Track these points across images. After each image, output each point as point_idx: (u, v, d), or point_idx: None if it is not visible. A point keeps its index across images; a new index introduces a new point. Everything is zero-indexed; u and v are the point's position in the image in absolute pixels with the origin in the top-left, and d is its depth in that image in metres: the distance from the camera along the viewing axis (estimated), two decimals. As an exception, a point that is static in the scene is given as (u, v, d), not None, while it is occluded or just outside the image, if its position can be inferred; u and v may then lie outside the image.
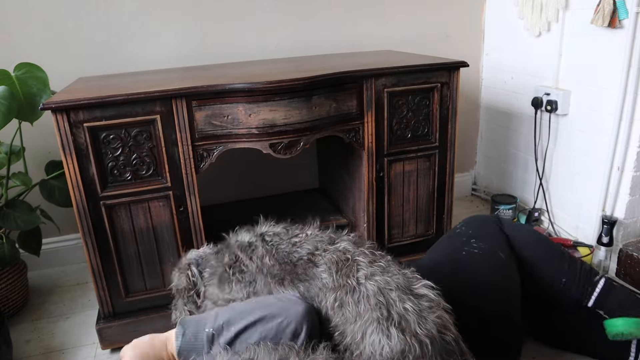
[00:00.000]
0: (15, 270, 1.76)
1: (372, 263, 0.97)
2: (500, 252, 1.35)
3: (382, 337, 0.84)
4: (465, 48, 2.41)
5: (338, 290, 0.94)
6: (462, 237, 1.40)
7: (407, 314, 0.87)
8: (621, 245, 1.82)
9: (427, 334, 0.85)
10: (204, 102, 1.43)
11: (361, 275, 0.93)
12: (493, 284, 1.29)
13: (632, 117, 1.71)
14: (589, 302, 1.37)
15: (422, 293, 0.92)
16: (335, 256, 0.99)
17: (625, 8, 1.65)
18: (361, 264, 0.96)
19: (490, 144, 2.53)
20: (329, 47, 2.18)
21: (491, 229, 1.42)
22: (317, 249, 1.03)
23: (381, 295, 0.89)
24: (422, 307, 0.89)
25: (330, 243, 1.05)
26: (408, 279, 0.95)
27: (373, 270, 0.94)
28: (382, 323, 0.86)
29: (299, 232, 1.10)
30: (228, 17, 2.03)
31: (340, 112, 1.57)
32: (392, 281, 0.91)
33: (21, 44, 1.83)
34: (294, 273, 1.00)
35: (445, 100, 1.69)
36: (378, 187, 1.71)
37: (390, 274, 0.94)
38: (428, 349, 0.83)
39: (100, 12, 1.88)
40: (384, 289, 0.90)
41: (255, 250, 1.08)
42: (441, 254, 1.41)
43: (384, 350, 0.84)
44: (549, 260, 1.39)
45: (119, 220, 1.45)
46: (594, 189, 1.89)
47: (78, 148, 1.35)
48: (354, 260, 0.97)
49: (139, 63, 1.97)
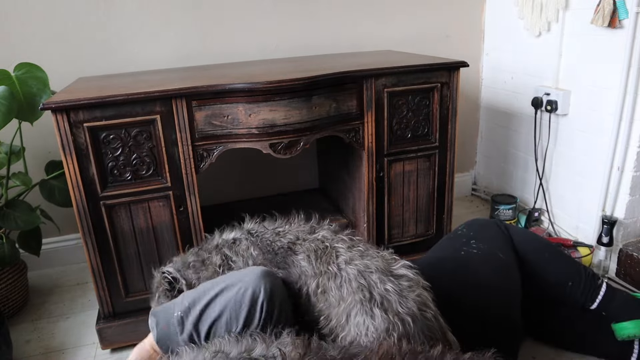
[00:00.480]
0: (15, 270, 1.76)
1: (350, 248, 0.99)
2: (500, 253, 1.35)
3: (366, 317, 0.87)
4: (465, 48, 2.41)
5: (319, 276, 0.96)
6: (462, 238, 1.41)
7: (389, 294, 0.90)
8: (621, 245, 1.82)
9: (408, 312, 0.88)
10: (204, 102, 1.43)
11: (341, 261, 0.96)
12: (491, 284, 1.29)
13: (632, 117, 1.71)
14: (592, 304, 1.38)
15: (401, 273, 0.95)
16: (313, 245, 1.02)
17: (625, 8, 1.65)
18: (340, 250, 0.99)
19: (490, 144, 2.53)
20: (329, 47, 2.18)
21: (493, 231, 1.42)
22: (298, 238, 1.06)
23: (362, 278, 0.92)
24: (402, 286, 0.92)
25: (311, 232, 1.08)
26: (387, 261, 0.98)
27: (352, 254, 0.97)
28: (365, 304, 0.88)
29: (283, 223, 1.14)
30: (228, 17, 2.03)
31: (340, 112, 1.57)
32: (371, 264, 0.94)
33: (21, 43, 1.83)
34: (274, 261, 1.03)
35: (445, 100, 1.69)
36: (378, 187, 1.71)
37: (370, 257, 0.97)
38: (410, 327, 0.86)
39: (100, 12, 1.88)
40: (364, 272, 0.93)
41: (240, 244, 1.11)
42: (440, 254, 1.42)
43: (369, 330, 0.86)
44: (555, 264, 1.39)
45: (119, 220, 1.45)
46: (594, 189, 1.89)
47: (78, 148, 1.35)
48: (332, 248, 1.00)
49: (139, 63, 1.97)
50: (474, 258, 1.33)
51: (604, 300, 1.37)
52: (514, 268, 1.36)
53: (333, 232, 1.07)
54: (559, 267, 1.39)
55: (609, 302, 1.38)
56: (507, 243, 1.39)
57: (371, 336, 0.86)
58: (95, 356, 1.56)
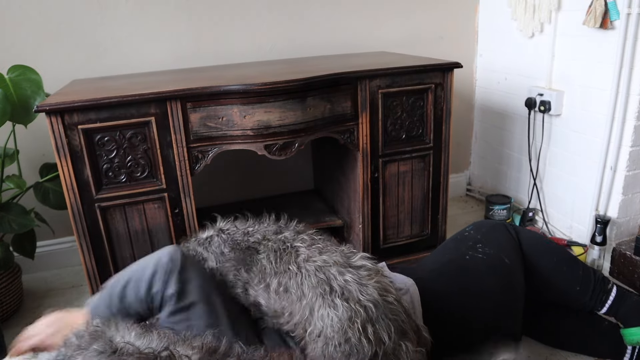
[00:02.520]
0: (10, 274, 1.75)
1: (310, 246, 1.03)
2: (506, 258, 1.32)
3: (329, 309, 0.90)
4: (459, 49, 2.42)
5: (280, 275, 0.99)
6: (468, 241, 1.37)
7: (348, 284, 0.93)
8: (614, 244, 1.83)
9: (369, 299, 0.91)
10: (198, 104, 1.43)
11: (301, 260, 0.99)
12: (494, 294, 1.27)
13: (624, 117, 1.73)
14: (602, 309, 1.36)
15: (360, 264, 0.98)
16: (275, 245, 1.05)
17: (616, 9, 1.67)
18: (300, 249, 1.02)
19: (484, 144, 2.55)
20: (324, 48, 2.19)
21: (501, 233, 1.38)
22: (264, 238, 1.10)
23: (321, 272, 0.95)
24: (361, 275, 0.95)
25: (276, 233, 1.11)
26: (345, 255, 1.01)
27: (311, 252, 1.01)
28: (327, 297, 0.92)
29: (253, 223, 1.17)
30: (222, 18, 2.03)
31: (334, 114, 1.57)
32: (329, 259, 0.98)
33: (15, 46, 1.82)
34: (242, 260, 1.07)
35: (440, 101, 1.70)
36: (373, 188, 1.72)
37: (329, 253, 1.01)
38: (373, 312, 0.89)
39: (94, 14, 1.88)
40: (323, 267, 0.96)
41: (212, 242, 1.13)
42: (445, 257, 1.39)
43: (333, 321, 0.89)
44: (563, 268, 1.37)
45: (113, 222, 1.45)
46: (588, 189, 1.91)
47: (72, 150, 1.35)
48: (292, 247, 1.03)
49: (134, 65, 1.97)
50: (478, 264, 1.30)
51: (613, 305, 1.35)
52: (519, 273, 1.33)
53: (296, 232, 1.10)
54: (567, 272, 1.36)
55: (619, 306, 1.35)
56: (515, 247, 1.36)
57: (336, 326, 0.89)
58: (91, 359, 1.55)
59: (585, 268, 1.39)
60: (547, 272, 1.36)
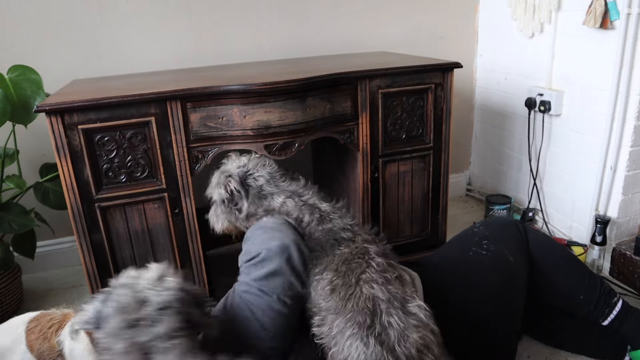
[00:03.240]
0: (10, 274, 1.75)
1: (379, 272, 0.97)
2: (510, 256, 1.31)
3: (360, 343, 0.86)
4: (459, 49, 2.42)
5: (336, 275, 0.95)
6: (475, 237, 1.36)
7: (390, 328, 0.87)
8: (614, 244, 1.84)
9: (404, 352, 0.85)
10: (198, 104, 1.43)
11: (363, 278, 0.94)
12: (493, 290, 1.27)
13: (624, 117, 1.73)
14: (604, 321, 1.34)
15: (413, 312, 0.92)
16: (356, 250, 1.01)
17: (616, 9, 1.67)
18: (370, 268, 0.97)
19: (484, 144, 2.55)
20: (324, 48, 2.19)
21: (510, 232, 1.36)
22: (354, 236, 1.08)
23: (371, 302, 0.90)
24: (408, 324, 0.89)
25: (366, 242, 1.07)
26: (404, 296, 0.95)
27: (376, 277, 0.95)
28: (363, 330, 0.86)
29: (354, 223, 1.15)
30: (223, 18, 2.03)
31: (334, 114, 1.57)
32: (387, 293, 0.92)
33: (15, 46, 1.82)
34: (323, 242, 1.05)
35: (440, 101, 1.70)
36: (373, 188, 1.71)
37: (391, 287, 0.94)
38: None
39: (94, 14, 1.88)
40: (377, 297, 0.91)
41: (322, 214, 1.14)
42: (449, 252, 1.40)
43: (360, 357, 0.84)
44: (569, 274, 1.35)
45: (113, 222, 1.45)
46: (587, 189, 1.91)
47: (72, 150, 1.35)
48: (366, 262, 0.98)
49: (133, 65, 1.97)
50: (481, 260, 1.30)
51: (617, 319, 1.33)
52: (521, 272, 1.32)
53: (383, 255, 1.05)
54: (573, 278, 1.34)
55: (623, 321, 1.33)
56: (522, 246, 1.35)
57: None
58: (91, 359, 1.55)
59: (592, 277, 1.36)
60: (551, 274, 1.35)
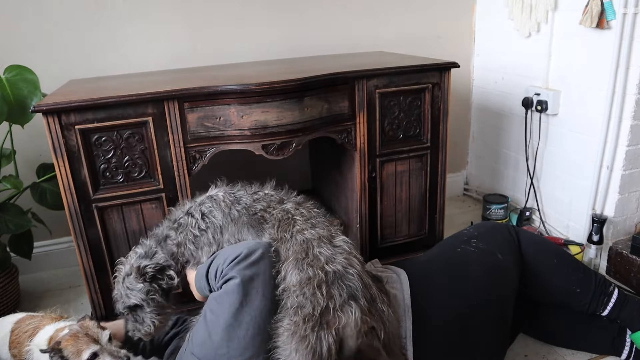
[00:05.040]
0: (7, 274, 1.75)
1: (306, 220, 1.17)
2: (499, 254, 1.33)
3: (296, 271, 1.06)
4: (456, 49, 2.42)
5: (277, 241, 1.15)
6: (464, 237, 1.39)
7: (321, 255, 1.08)
8: (611, 243, 1.84)
9: (332, 268, 1.05)
10: (196, 104, 1.43)
11: (295, 230, 1.15)
12: (478, 275, 1.29)
13: (620, 117, 1.73)
14: (604, 311, 1.36)
15: (338, 244, 1.12)
16: (279, 215, 1.19)
17: (612, 9, 1.67)
18: (297, 221, 1.17)
19: (481, 144, 2.55)
20: (321, 48, 2.19)
21: (499, 233, 1.39)
22: (269, 206, 1.22)
23: (305, 243, 1.11)
24: (335, 252, 1.10)
25: (279, 203, 1.24)
26: (330, 233, 1.15)
27: (305, 226, 1.15)
28: (300, 262, 1.07)
29: (258, 190, 1.30)
30: (220, 18, 2.03)
31: (332, 113, 1.57)
32: (316, 233, 1.13)
33: (11, 46, 1.82)
34: (249, 222, 1.20)
35: (437, 100, 1.70)
36: (370, 188, 1.72)
37: (318, 228, 1.16)
38: (330, 277, 1.04)
39: (91, 14, 1.87)
40: (308, 239, 1.12)
41: (218, 199, 1.26)
42: (437, 250, 1.43)
43: (296, 280, 1.05)
44: (563, 269, 1.37)
45: (111, 222, 1.45)
46: (584, 188, 1.91)
47: (69, 150, 1.35)
48: (292, 219, 1.17)
49: (131, 65, 1.96)
50: (467, 255, 1.33)
51: (615, 308, 1.35)
52: (511, 271, 1.33)
53: (297, 203, 1.24)
54: (568, 273, 1.37)
55: (621, 309, 1.35)
56: (512, 246, 1.37)
57: (297, 283, 1.05)
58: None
59: (587, 270, 1.39)
60: (547, 273, 1.36)
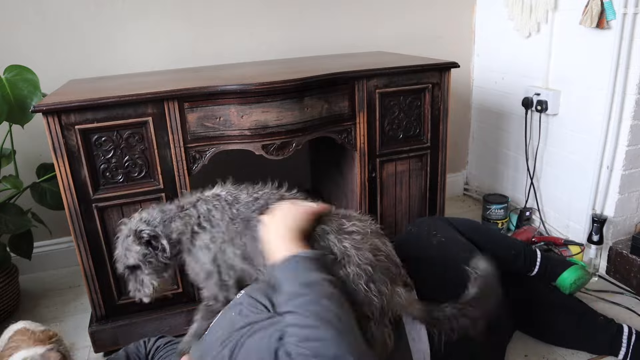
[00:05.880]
0: (6, 274, 1.75)
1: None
2: (461, 238, 1.44)
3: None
4: (456, 49, 2.42)
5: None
6: (422, 233, 1.44)
7: (348, 251, 1.02)
8: (611, 243, 1.84)
9: (366, 262, 1.02)
10: (196, 104, 1.43)
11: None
12: (463, 250, 1.36)
13: (620, 117, 1.73)
14: (535, 268, 1.52)
15: (352, 230, 1.07)
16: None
17: (612, 9, 1.67)
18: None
19: (481, 144, 2.55)
20: (321, 48, 2.19)
21: (441, 223, 1.48)
22: (267, 204, 1.18)
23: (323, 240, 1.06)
24: (356, 240, 1.05)
25: (280, 199, 1.21)
26: (339, 223, 1.10)
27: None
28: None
29: (259, 189, 1.27)
30: (220, 19, 2.03)
31: (332, 113, 1.57)
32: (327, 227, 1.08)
33: (11, 46, 1.82)
34: (249, 224, 1.16)
35: (437, 100, 1.70)
36: (370, 188, 1.72)
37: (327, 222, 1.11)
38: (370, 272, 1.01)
39: (91, 14, 1.87)
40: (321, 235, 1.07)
41: (220, 199, 1.24)
42: (414, 248, 1.42)
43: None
44: (496, 240, 1.54)
45: (111, 222, 1.45)
46: (584, 188, 1.91)
47: (69, 150, 1.35)
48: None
49: (130, 65, 1.96)
50: (446, 244, 1.39)
51: (542, 263, 1.52)
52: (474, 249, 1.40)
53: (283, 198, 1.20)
54: (500, 242, 1.54)
55: (546, 264, 1.52)
56: (457, 232, 1.47)
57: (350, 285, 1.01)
58: (89, 359, 1.55)
59: (511, 238, 1.63)
60: (485, 247, 1.42)
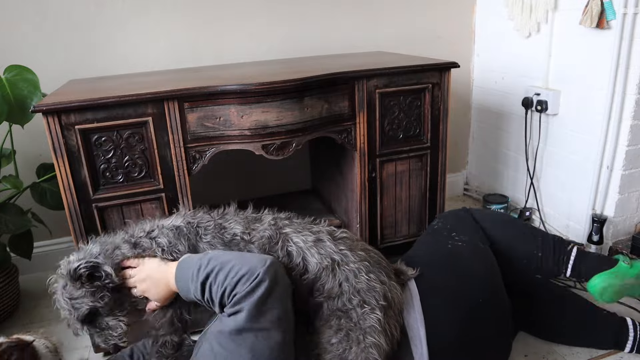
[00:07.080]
0: (6, 274, 1.75)
1: (299, 233, 1.15)
2: (480, 243, 1.38)
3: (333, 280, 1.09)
4: (456, 49, 2.42)
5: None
6: (443, 232, 1.42)
7: (343, 252, 1.10)
8: (611, 243, 1.84)
9: (361, 259, 1.11)
10: (196, 104, 1.43)
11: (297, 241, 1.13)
12: (481, 273, 1.31)
13: (620, 117, 1.73)
14: (567, 271, 1.38)
15: (342, 236, 1.16)
16: (267, 232, 1.14)
17: (612, 9, 1.67)
18: (290, 235, 1.14)
19: (481, 144, 2.55)
20: (321, 48, 2.19)
21: (467, 222, 1.45)
22: (246, 228, 1.15)
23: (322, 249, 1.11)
24: (348, 244, 1.13)
25: (257, 220, 1.19)
26: (330, 232, 1.17)
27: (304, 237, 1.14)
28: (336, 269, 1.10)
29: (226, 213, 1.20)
30: (220, 18, 2.03)
31: (332, 113, 1.57)
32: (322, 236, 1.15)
33: (11, 46, 1.82)
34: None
35: (437, 100, 1.70)
36: (370, 188, 1.72)
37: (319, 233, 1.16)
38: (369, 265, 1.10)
39: (91, 14, 1.87)
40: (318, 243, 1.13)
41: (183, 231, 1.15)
42: (428, 250, 1.42)
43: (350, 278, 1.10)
44: (521, 237, 1.42)
45: (111, 222, 1.45)
46: (584, 188, 1.91)
47: (69, 150, 1.35)
48: (282, 234, 1.14)
49: (131, 65, 1.96)
50: (461, 251, 1.35)
51: (575, 264, 1.37)
52: (492, 255, 1.38)
53: (276, 218, 1.20)
54: (526, 240, 1.41)
55: (581, 265, 1.36)
56: (478, 230, 1.42)
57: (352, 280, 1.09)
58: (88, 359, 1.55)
59: (544, 235, 1.43)
60: (506, 243, 1.39)
